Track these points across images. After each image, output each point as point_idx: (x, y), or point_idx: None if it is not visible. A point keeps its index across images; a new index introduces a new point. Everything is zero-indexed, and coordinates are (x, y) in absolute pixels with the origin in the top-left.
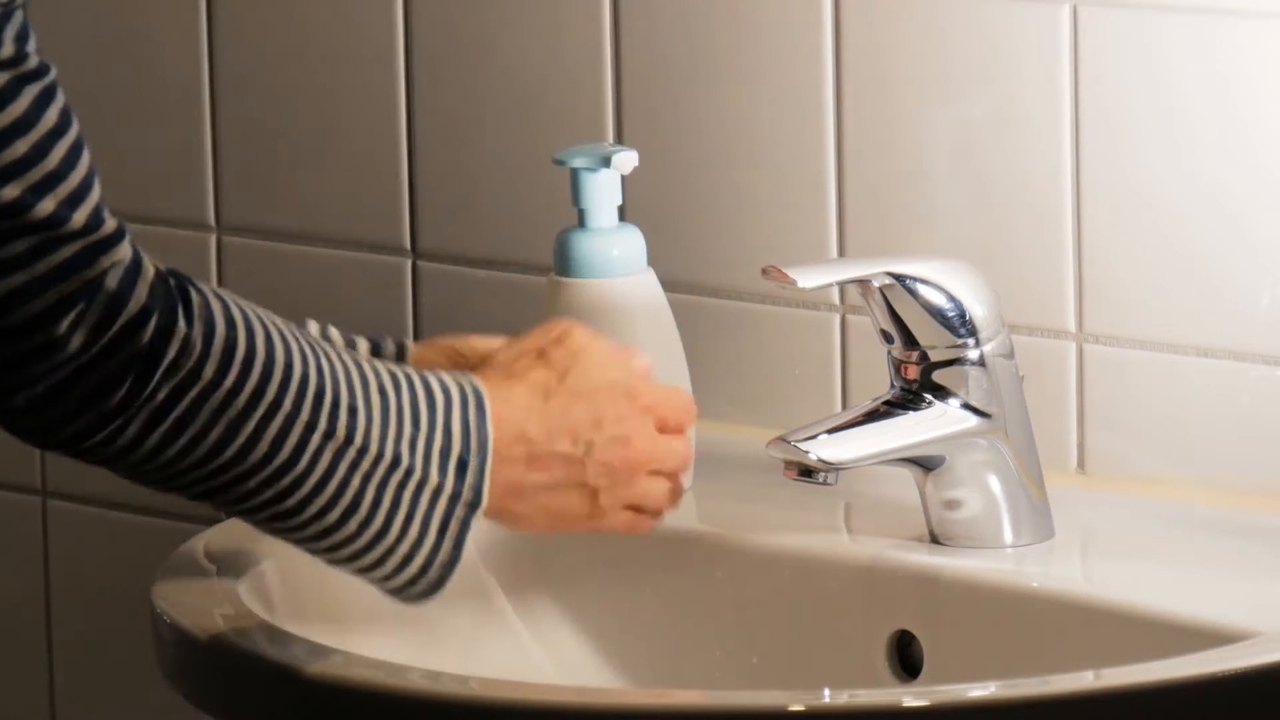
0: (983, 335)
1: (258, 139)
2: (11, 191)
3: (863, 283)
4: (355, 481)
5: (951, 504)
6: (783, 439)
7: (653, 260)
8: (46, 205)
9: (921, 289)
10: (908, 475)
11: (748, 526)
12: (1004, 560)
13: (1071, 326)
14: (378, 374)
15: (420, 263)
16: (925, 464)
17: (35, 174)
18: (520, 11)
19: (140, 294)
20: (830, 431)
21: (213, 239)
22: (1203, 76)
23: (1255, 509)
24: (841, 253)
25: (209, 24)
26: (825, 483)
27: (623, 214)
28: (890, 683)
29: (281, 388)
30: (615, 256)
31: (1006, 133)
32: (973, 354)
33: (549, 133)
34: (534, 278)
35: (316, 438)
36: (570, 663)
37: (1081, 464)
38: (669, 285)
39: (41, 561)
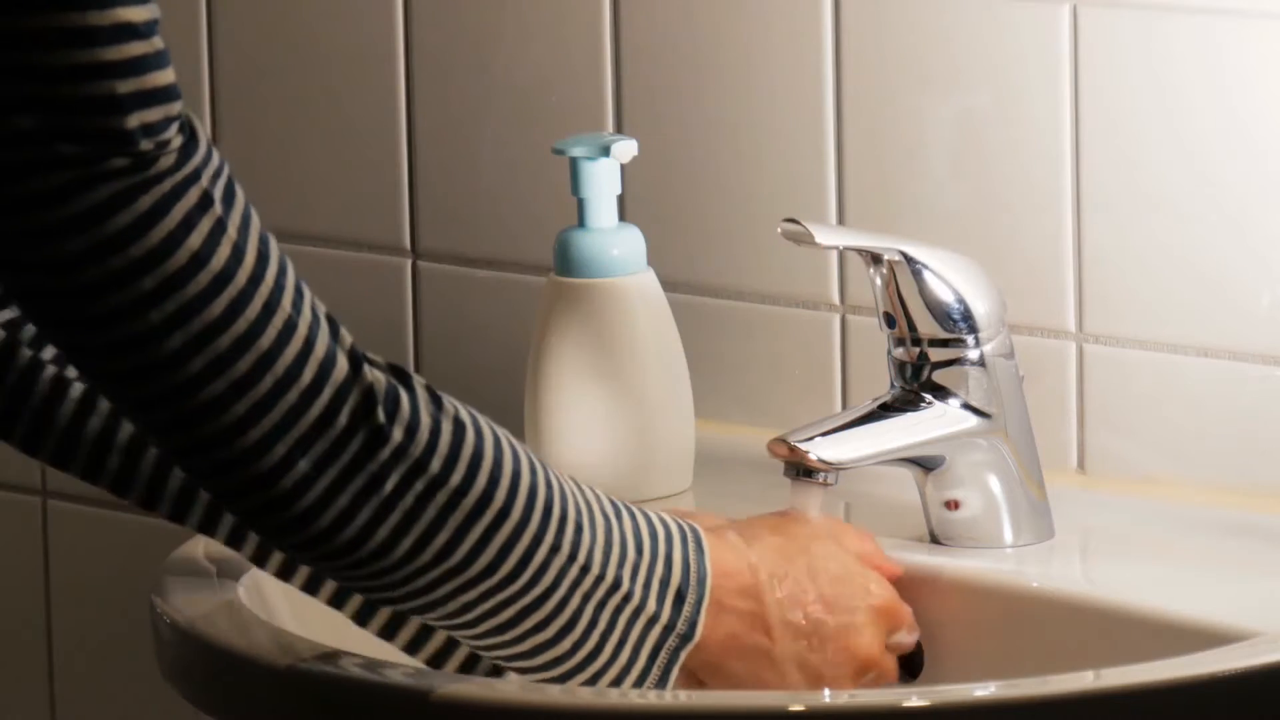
0: (983, 335)
1: (258, 139)
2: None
3: (874, 256)
4: (575, 600)
5: (951, 504)
6: (783, 439)
7: (653, 260)
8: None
9: (928, 275)
10: (908, 475)
11: None
12: (1004, 560)
13: (1071, 326)
14: (599, 498)
15: (420, 263)
16: (925, 464)
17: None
18: (520, 13)
19: (377, 374)
20: (830, 432)
21: None
22: (1203, 76)
23: (1255, 509)
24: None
25: (209, 24)
26: (825, 483)
27: (623, 213)
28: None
29: (510, 494)
30: (615, 256)
31: (1007, 132)
32: (973, 354)
33: (549, 133)
34: (534, 278)
35: (543, 551)
36: None
37: (1081, 464)
38: (669, 285)
39: (41, 561)
